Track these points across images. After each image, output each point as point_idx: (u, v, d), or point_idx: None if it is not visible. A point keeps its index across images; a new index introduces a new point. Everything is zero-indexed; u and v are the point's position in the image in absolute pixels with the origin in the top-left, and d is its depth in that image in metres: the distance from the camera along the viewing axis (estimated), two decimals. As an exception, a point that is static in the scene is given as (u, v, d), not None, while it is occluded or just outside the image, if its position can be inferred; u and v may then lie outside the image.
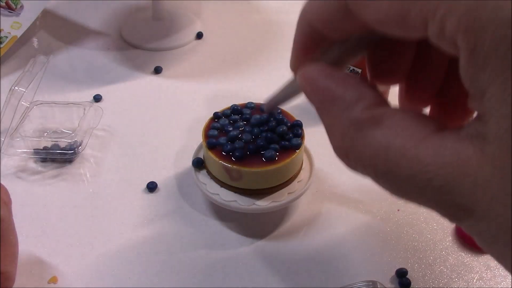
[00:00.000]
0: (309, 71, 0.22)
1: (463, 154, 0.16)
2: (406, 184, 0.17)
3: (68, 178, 0.45)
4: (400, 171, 0.17)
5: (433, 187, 0.16)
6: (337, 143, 0.20)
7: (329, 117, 0.20)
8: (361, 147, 0.19)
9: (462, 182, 0.16)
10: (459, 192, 0.16)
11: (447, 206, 0.17)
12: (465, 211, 0.16)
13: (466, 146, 0.16)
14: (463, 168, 0.16)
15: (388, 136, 0.18)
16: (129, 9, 0.71)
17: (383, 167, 0.18)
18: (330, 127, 0.20)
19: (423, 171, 0.17)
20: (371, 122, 0.19)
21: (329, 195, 0.43)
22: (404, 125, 0.18)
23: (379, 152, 0.18)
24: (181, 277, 0.37)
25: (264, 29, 0.68)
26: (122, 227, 0.40)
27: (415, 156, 0.17)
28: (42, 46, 0.63)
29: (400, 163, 0.17)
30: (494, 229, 0.16)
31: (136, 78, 0.58)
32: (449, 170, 0.16)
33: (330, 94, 0.20)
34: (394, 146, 0.18)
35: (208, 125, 0.40)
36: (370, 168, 0.19)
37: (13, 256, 0.33)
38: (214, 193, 0.39)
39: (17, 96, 0.45)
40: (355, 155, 0.19)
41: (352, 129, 0.19)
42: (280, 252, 0.39)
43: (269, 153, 0.37)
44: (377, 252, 0.39)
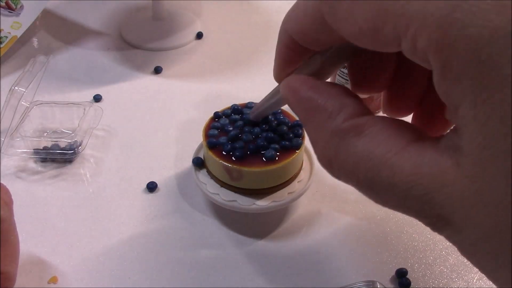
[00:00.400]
0: (292, 81, 0.22)
1: (441, 165, 0.16)
2: (387, 193, 0.18)
3: (68, 178, 0.45)
4: (381, 180, 0.18)
5: (413, 197, 0.17)
6: (320, 152, 0.20)
7: (312, 126, 0.21)
8: (343, 156, 0.19)
9: (440, 193, 0.16)
10: (438, 203, 0.16)
11: (427, 216, 0.17)
12: (444, 221, 0.16)
13: (444, 157, 0.16)
14: (441, 179, 0.16)
15: (369, 145, 0.18)
16: (129, 9, 0.71)
17: (365, 176, 0.18)
18: (313, 136, 0.21)
19: (403, 180, 0.17)
20: (353, 132, 0.19)
21: (329, 195, 0.43)
22: (385, 134, 0.18)
23: (361, 161, 0.18)
24: (181, 277, 0.37)
25: (264, 29, 0.68)
26: (122, 227, 0.40)
27: (395, 165, 0.17)
28: (42, 46, 0.63)
29: (381, 172, 0.18)
30: (473, 238, 0.16)
31: (136, 78, 0.58)
32: (427, 180, 0.16)
33: (313, 104, 0.21)
34: (375, 155, 0.18)
35: (208, 125, 0.40)
36: (353, 176, 0.19)
37: (13, 256, 0.33)
38: (214, 193, 0.39)
39: (17, 96, 0.45)
40: (338, 164, 0.19)
41: (335, 139, 0.19)
42: (280, 252, 0.39)
43: (269, 153, 0.37)
44: (377, 252, 0.39)
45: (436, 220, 0.17)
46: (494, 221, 0.15)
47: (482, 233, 0.15)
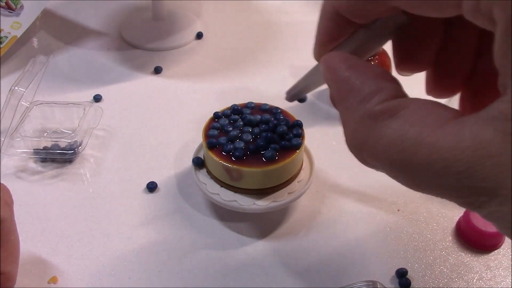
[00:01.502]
0: (330, 59, 0.22)
1: (483, 136, 0.15)
2: (423, 173, 0.17)
3: (68, 178, 0.45)
4: (417, 159, 0.17)
5: (452, 173, 0.16)
6: (351, 134, 0.20)
7: (346, 107, 0.20)
8: (375, 138, 0.18)
9: (483, 165, 0.15)
10: (481, 176, 0.15)
11: (467, 193, 0.16)
12: (487, 195, 0.16)
13: (486, 128, 0.15)
14: (484, 151, 0.15)
15: (403, 126, 0.18)
16: (129, 9, 0.71)
17: (399, 157, 0.18)
18: (345, 118, 0.20)
19: (441, 157, 0.16)
20: (386, 114, 0.18)
21: (329, 195, 0.43)
22: (420, 114, 0.18)
23: (394, 142, 0.18)
24: (181, 277, 0.37)
25: (264, 29, 0.68)
26: (122, 227, 0.40)
27: (432, 143, 0.17)
28: (42, 46, 0.63)
29: (417, 151, 0.17)
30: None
31: (136, 78, 0.58)
32: (469, 154, 0.16)
33: (349, 85, 0.20)
34: (410, 135, 0.17)
35: (208, 125, 0.40)
36: (385, 159, 0.18)
37: (14, 257, 0.33)
38: (214, 193, 0.39)
39: (17, 96, 0.45)
40: (369, 147, 0.19)
41: (367, 121, 0.19)
42: (280, 252, 0.39)
43: (269, 153, 0.37)
44: (377, 252, 0.39)
45: (478, 196, 0.16)
46: None
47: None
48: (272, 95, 0.36)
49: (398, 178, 0.19)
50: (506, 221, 0.16)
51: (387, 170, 0.19)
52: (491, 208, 0.16)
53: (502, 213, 0.16)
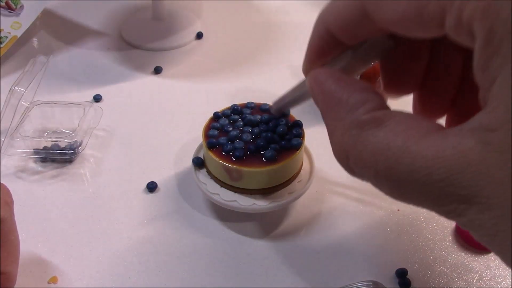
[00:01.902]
0: (318, 73, 0.22)
1: (464, 145, 0.16)
2: (407, 181, 0.17)
3: (68, 178, 0.45)
4: (401, 167, 0.17)
5: (434, 181, 0.17)
6: (338, 144, 0.20)
7: (332, 118, 0.21)
8: (361, 146, 0.19)
9: (464, 173, 0.16)
10: (461, 183, 0.16)
11: (448, 201, 0.17)
12: (466, 203, 0.16)
13: (468, 138, 0.16)
14: (465, 159, 0.16)
15: (389, 135, 0.18)
16: (129, 9, 0.71)
17: (384, 165, 0.18)
18: (332, 128, 0.21)
19: (424, 166, 0.17)
20: (372, 123, 0.19)
21: (329, 195, 0.43)
22: (405, 125, 0.18)
23: (380, 151, 0.18)
24: (181, 277, 0.37)
25: (264, 29, 0.68)
26: (122, 227, 0.40)
27: (416, 152, 0.17)
28: (42, 46, 0.63)
29: (401, 159, 0.17)
30: (498, 215, 0.16)
31: (136, 78, 0.58)
32: (450, 162, 0.16)
33: (336, 97, 0.21)
34: (396, 144, 0.18)
35: (208, 125, 0.40)
36: (370, 167, 0.19)
37: (14, 257, 0.33)
38: (214, 193, 0.39)
39: (17, 96, 0.45)
40: (356, 155, 0.19)
41: (354, 130, 0.19)
42: (280, 252, 0.39)
43: (269, 153, 0.37)
44: (377, 252, 0.39)
45: (458, 204, 0.16)
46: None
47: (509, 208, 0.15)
48: (272, 95, 0.36)
49: (383, 187, 0.19)
50: (485, 229, 0.16)
51: (372, 179, 0.19)
52: (470, 216, 0.16)
53: (481, 221, 0.16)
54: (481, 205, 0.16)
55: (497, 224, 0.16)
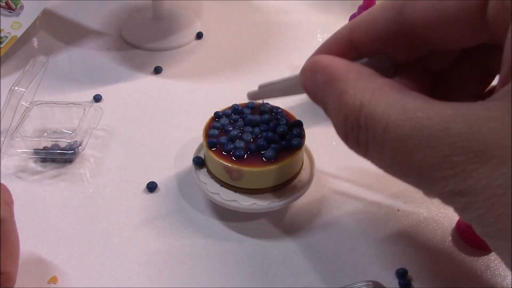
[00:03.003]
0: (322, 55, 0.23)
1: (487, 106, 0.16)
2: (419, 135, 0.17)
3: (68, 178, 0.45)
4: (417, 121, 0.17)
5: (449, 135, 0.16)
6: (350, 100, 0.20)
7: (344, 80, 0.20)
8: (376, 102, 0.19)
9: (484, 127, 0.15)
10: (479, 137, 0.16)
11: (458, 161, 0.16)
12: (480, 161, 0.16)
13: (491, 102, 0.16)
14: (488, 113, 0.16)
15: (405, 97, 0.18)
16: (129, 9, 0.71)
17: (397, 116, 0.18)
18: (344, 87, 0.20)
19: (443, 120, 0.16)
20: (389, 86, 0.19)
21: (329, 195, 0.43)
22: (424, 96, 0.18)
23: (395, 105, 0.18)
24: (181, 277, 0.37)
25: (264, 29, 0.68)
26: (122, 227, 0.40)
27: (434, 110, 0.17)
28: (42, 46, 0.63)
29: (417, 113, 0.17)
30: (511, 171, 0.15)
31: (136, 78, 0.58)
32: (472, 117, 0.16)
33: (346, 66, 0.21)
34: (412, 103, 0.18)
35: (208, 125, 0.40)
36: (382, 120, 0.18)
37: (14, 257, 0.33)
38: (215, 193, 0.39)
39: (17, 96, 0.45)
40: (369, 109, 0.19)
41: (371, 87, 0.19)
42: (280, 252, 0.39)
43: (269, 153, 0.37)
44: (377, 252, 0.39)
45: (469, 162, 0.16)
46: None
47: None
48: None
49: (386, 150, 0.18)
50: (493, 187, 0.16)
51: (378, 138, 0.19)
52: (479, 177, 0.16)
53: (491, 179, 0.16)
54: (497, 160, 0.15)
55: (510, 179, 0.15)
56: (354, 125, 0.20)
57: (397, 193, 0.43)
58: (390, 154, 0.18)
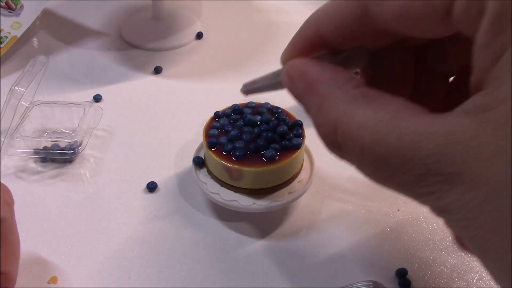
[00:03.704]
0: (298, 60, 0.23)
1: (457, 124, 0.16)
2: (393, 156, 0.17)
3: (68, 178, 0.45)
4: (389, 141, 0.17)
5: (421, 157, 0.16)
6: (326, 119, 0.20)
7: (318, 95, 0.20)
8: (350, 119, 0.19)
9: (453, 149, 0.15)
10: (449, 160, 0.15)
11: (431, 181, 0.16)
12: (451, 182, 0.16)
13: (461, 118, 0.16)
14: (457, 135, 0.15)
15: (379, 110, 0.18)
16: (129, 9, 0.71)
17: (371, 137, 0.18)
18: (318, 105, 0.20)
19: (413, 140, 0.16)
20: (362, 98, 0.19)
21: (329, 195, 0.43)
22: (395, 104, 0.18)
23: (367, 124, 0.18)
24: (181, 277, 0.37)
25: (264, 29, 0.68)
26: (122, 227, 0.40)
27: (406, 127, 0.17)
28: (42, 46, 0.63)
29: (390, 134, 0.17)
30: (483, 195, 0.15)
31: (136, 78, 0.58)
32: (441, 138, 0.16)
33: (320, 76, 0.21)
34: (384, 118, 0.17)
35: (208, 125, 0.40)
36: (357, 141, 0.18)
37: (14, 257, 0.33)
38: (215, 193, 0.39)
39: (17, 96, 0.45)
40: (344, 128, 0.19)
41: (344, 103, 0.19)
42: (280, 252, 0.39)
43: (269, 152, 0.37)
44: (377, 252, 0.39)
45: (441, 184, 0.16)
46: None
47: (497, 186, 0.15)
48: (272, 95, 0.36)
49: (366, 165, 0.19)
50: (465, 210, 0.16)
51: (358, 155, 0.19)
52: (452, 198, 0.16)
53: (462, 202, 0.16)
54: (467, 184, 0.15)
55: (481, 204, 0.15)
56: (334, 144, 0.20)
57: (397, 193, 0.43)
58: (371, 172, 0.19)
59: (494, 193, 0.15)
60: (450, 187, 0.16)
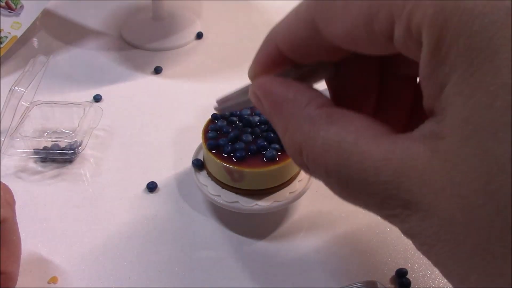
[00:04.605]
0: (263, 79, 0.23)
1: (413, 151, 0.16)
2: (355, 179, 0.17)
3: (68, 178, 0.45)
4: (351, 165, 0.17)
5: (380, 183, 0.16)
6: (290, 140, 0.20)
7: (283, 117, 0.21)
8: (313, 142, 0.19)
9: (409, 177, 0.16)
10: (406, 188, 0.16)
11: (392, 205, 0.17)
12: (410, 209, 0.16)
13: (417, 144, 0.16)
14: (412, 164, 0.16)
15: (341, 132, 0.18)
16: (129, 9, 0.71)
17: (334, 161, 0.18)
18: (283, 126, 0.21)
19: (372, 166, 0.17)
20: (324, 119, 0.19)
21: (329, 195, 0.43)
22: (357, 124, 0.18)
23: (330, 147, 0.18)
24: (181, 277, 0.37)
25: (264, 29, 0.67)
26: (122, 227, 0.40)
27: (366, 152, 0.17)
28: (42, 46, 0.63)
29: (351, 157, 0.17)
30: (437, 226, 0.15)
31: (136, 78, 0.58)
32: (398, 165, 0.16)
33: (284, 96, 0.21)
34: (347, 140, 0.18)
35: (206, 127, 0.40)
36: (321, 164, 0.19)
37: (15, 257, 0.33)
38: (216, 195, 0.39)
39: (17, 96, 0.45)
40: (308, 151, 0.19)
41: (306, 125, 0.19)
42: (280, 252, 0.39)
43: (270, 153, 0.37)
44: (377, 252, 0.39)
45: (402, 210, 0.16)
46: (462, 203, 0.14)
47: (448, 216, 0.15)
48: (273, 95, 0.36)
49: (332, 186, 0.19)
50: (425, 237, 0.16)
51: (324, 176, 0.19)
52: (412, 223, 0.16)
53: (421, 228, 0.16)
54: (423, 212, 0.16)
55: (437, 233, 0.15)
56: (301, 165, 0.20)
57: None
58: (338, 192, 0.19)
59: (447, 225, 0.15)
60: (408, 213, 0.16)
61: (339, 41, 0.19)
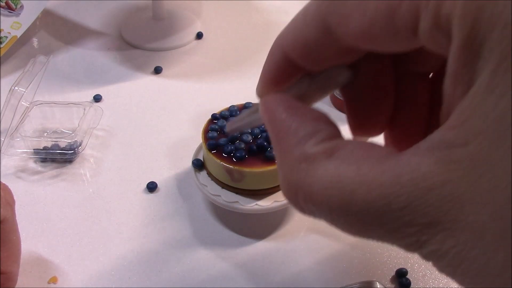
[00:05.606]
0: (269, 100, 0.21)
1: (423, 168, 0.14)
2: (364, 214, 0.16)
3: (68, 178, 0.45)
4: (357, 199, 0.16)
5: (393, 211, 0.15)
6: (286, 180, 0.18)
7: (281, 151, 0.19)
8: (311, 181, 0.17)
9: (424, 199, 0.14)
10: (423, 210, 0.14)
11: (409, 232, 0.15)
12: (429, 232, 0.15)
13: (427, 160, 0.14)
14: (425, 183, 0.14)
15: (341, 166, 0.17)
16: (129, 9, 0.71)
17: (337, 199, 0.16)
18: (280, 162, 0.19)
19: (380, 195, 0.15)
20: (322, 156, 0.17)
21: (329, 195, 0.43)
22: (357, 154, 0.17)
23: (331, 184, 0.17)
24: (181, 277, 0.37)
25: (264, 29, 0.68)
26: (122, 227, 0.40)
27: (371, 181, 0.15)
28: (42, 46, 0.63)
29: (356, 191, 0.16)
30: (463, 243, 0.14)
31: (136, 78, 0.58)
32: (409, 188, 0.15)
33: (285, 126, 0.19)
34: (348, 174, 0.16)
35: (206, 127, 0.40)
36: (323, 204, 0.17)
37: (15, 257, 0.33)
38: (216, 195, 0.39)
39: (17, 96, 0.45)
40: (306, 192, 0.17)
41: (303, 164, 0.18)
42: (280, 252, 0.39)
43: (270, 153, 0.37)
44: (377, 252, 0.39)
45: (420, 236, 0.15)
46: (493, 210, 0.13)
47: (478, 228, 0.14)
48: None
49: (339, 225, 0.17)
50: (448, 259, 0.15)
51: (326, 216, 0.17)
52: (433, 246, 0.15)
53: (444, 250, 0.15)
54: (445, 232, 0.14)
55: (463, 250, 0.14)
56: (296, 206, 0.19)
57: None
58: (346, 229, 0.17)
59: (475, 238, 0.14)
60: (428, 237, 0.15)
61: (355, 39, 0.17)
